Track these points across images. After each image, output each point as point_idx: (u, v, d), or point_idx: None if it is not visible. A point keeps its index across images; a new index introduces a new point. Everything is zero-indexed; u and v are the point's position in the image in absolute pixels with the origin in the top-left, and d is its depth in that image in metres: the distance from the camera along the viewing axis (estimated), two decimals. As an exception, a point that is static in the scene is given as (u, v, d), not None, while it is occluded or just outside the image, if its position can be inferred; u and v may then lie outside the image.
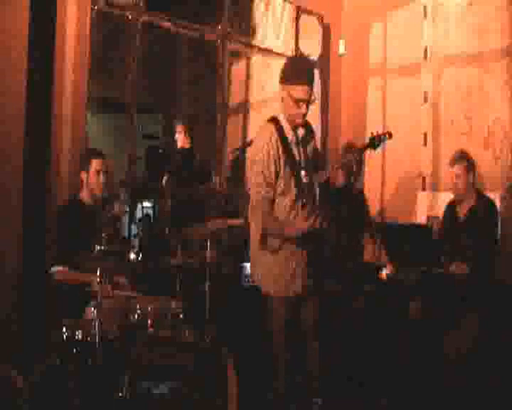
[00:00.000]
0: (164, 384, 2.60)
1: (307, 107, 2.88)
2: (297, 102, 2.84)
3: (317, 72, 5.56)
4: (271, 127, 2.91)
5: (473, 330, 3.52)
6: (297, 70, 2.88)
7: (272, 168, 2.84)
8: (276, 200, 2.88)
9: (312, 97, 2.89)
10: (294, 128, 2.95)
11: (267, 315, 2.93)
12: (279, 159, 2.86)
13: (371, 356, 3.83)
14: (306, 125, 3.02)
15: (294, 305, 2.95)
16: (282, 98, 2.92)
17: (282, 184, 2.87)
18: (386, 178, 5.36)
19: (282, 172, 2.86)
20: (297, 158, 2.94)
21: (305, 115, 2.90)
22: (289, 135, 2.93)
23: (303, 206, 2.88)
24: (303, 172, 2.94)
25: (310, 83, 2.86)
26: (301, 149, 2.98)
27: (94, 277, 2.78)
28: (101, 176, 3.45)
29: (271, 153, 2.84)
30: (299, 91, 2.83)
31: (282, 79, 2.90)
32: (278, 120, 2.94)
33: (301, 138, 2.99)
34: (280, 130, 2.91)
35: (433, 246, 3.80)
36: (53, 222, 3.42)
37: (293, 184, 2.89)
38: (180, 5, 5.16)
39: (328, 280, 3.75)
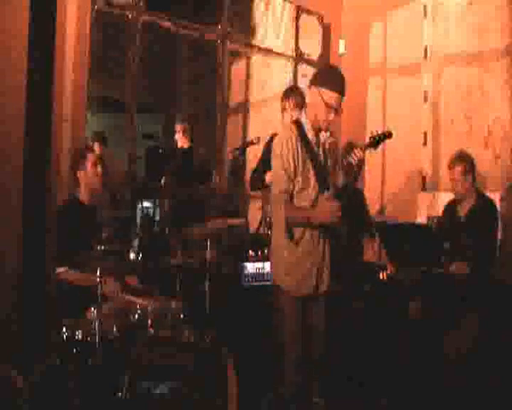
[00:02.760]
0: (164, 384, 2.59)
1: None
2: (327, 106, 2.87)
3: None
4: (292, 128, 2.97)
5: (473, 330, 3.51)
6: (333, 77, 2.93)
7: (291, 162, 2.87)
8: (295, 196, 2.90)
9: (340, 110, 2.92)
10: (317, 131, 2.98)
11: (280, 310, 2.93)
12: (298, 156, 2.89)
13: (371, 356, 3.83)
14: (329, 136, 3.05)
15: (307, 303, 2.95)
16: (311, 100, 2.95)
17: (300, 182, 2.90)
18: (387, 178, 5.36)
19: (301, 169, 2.89)
20: (318, 156, 2.97)
21: (330, 122, 2.93)
22: (310, 135, 2.96)
23: (325, 193, 2.90)
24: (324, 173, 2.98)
25: (343, 94, 2.91)
26: (321, 151, 3.01)
27: (102, 279, 2.77)
28: (99, 167, 3.44)
29: (290, 148, 2.88)
30: (331, 97, 2.87)
31: (315, 80, 2.93)
32: (300, 122, 2.99)
33: (322, 142, 3.02)
34: (301, 130, 2.95)
35: (433, 246, 3.80)
36: (53, 222, 3.42)
37: (314, 180, 2.92)
38: (180, 5, 5.17)
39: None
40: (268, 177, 3.97)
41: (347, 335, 3.89)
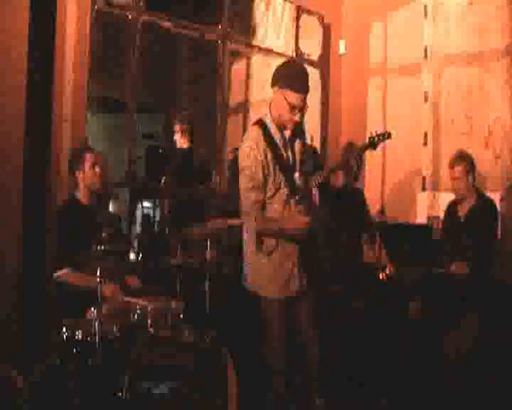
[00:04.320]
0: (164, 384, 2.59)
1: (301, 114, 2.84)
2: (291, 108, 2.80)
3: (316, 72, 5.57)
4: (258, 131, 2.88)
5: (473, 330, 3.52)
6: (296, 77, 2.81)
7: (260, 173, 2.82)
8: (268, 203, 2.88)
9: (306, 106, 2.85)
10: (282, 129, 2.92)
11: (264, 317, 2.94)
12: (267, 163, 2.83)
13: (371, 356, 3.83)
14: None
15: (291, 305, 2.95)
16: (275, 100, 2.88)
17: (272, 188, 2.86)
18: (387, 178, 5.36)
19: (272, 175, 2.85)
20: (286, 159, 2.92)
21: (296, 122, 2.86)
22: (276, 137, 2.90)
23: (296, 205, 2.87)
24: (296, 173, 2.95)
25: (306, 92, 2.81)
26: (290, 150, 2.96)
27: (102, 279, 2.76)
28: (97, 168, 3.44)
29: (258, 158, 2.81)
30: (295, 98, 2.78)
31: (278, 81, 2.83)
32: (264, 123, 2.91)
33: (288, 139, 2.96)
34: (267, 133, 2.87)
35: (434, 246, 3.80)
36: (53, 222, 3.42)
37: (283, 185, 2.87)
38: (180, 5, 5.16)
39: (328, 280, 3.76)
40: None
41: (347, 335, 3.89)
